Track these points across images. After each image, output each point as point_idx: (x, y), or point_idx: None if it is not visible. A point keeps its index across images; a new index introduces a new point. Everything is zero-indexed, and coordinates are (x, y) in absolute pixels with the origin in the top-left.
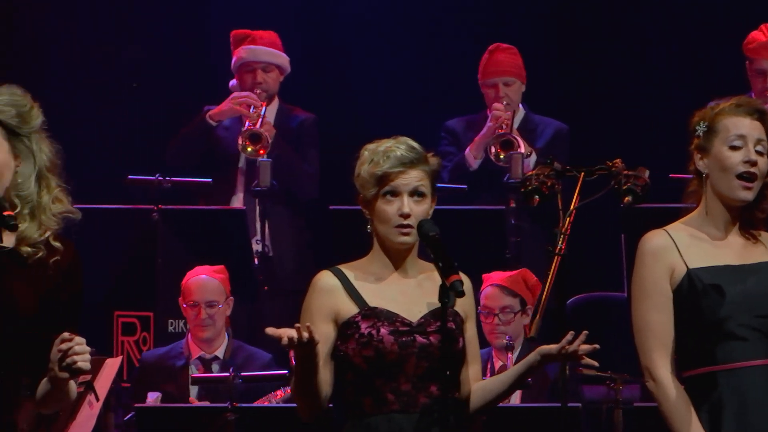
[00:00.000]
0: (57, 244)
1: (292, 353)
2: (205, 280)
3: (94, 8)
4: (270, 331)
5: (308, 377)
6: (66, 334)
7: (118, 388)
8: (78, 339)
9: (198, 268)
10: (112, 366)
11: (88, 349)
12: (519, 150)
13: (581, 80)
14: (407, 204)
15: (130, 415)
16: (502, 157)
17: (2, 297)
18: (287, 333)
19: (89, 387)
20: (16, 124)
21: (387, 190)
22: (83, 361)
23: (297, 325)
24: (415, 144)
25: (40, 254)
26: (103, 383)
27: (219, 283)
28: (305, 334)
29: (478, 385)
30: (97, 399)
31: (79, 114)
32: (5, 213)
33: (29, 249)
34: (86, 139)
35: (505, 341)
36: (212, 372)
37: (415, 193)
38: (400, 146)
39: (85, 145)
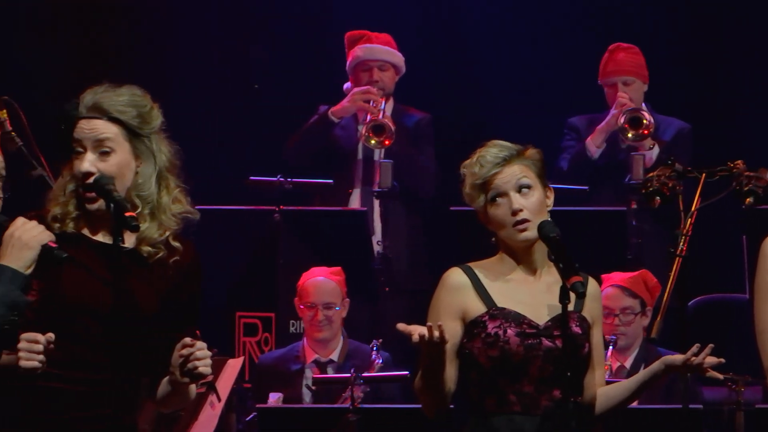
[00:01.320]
0: (176, 244)
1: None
2: (323, 282)
3: (216, 11)
4: (401, 327)
5: (434, 374)
6: (187, 340)
7: (240, 388)
8: (199, 344)
9: (315, 269)
10: (233, 367)
11: (208, 353)
12: (647, 126)
13: (704, 80)
14: (516, 200)
15: (252, 415)
16: (630, 135)
17: (124, 297)
18: (418, 330)
19: (211, 387)
20: (137, 125)
21: (492, 194)
22: (204, 366)
23: (429, 324)
24: (504, 143)
25: (161, 254)
26: (225, 384)
27: (336, 285)
28: (436, 333)
29: (601, 390)
30: (219, 399)
31: (201, 115)
32: (127, 214)
33: (150, 249)
34: (208, 141)
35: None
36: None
37: (521, 187)
38: (489, 150)
39: (208, 146)
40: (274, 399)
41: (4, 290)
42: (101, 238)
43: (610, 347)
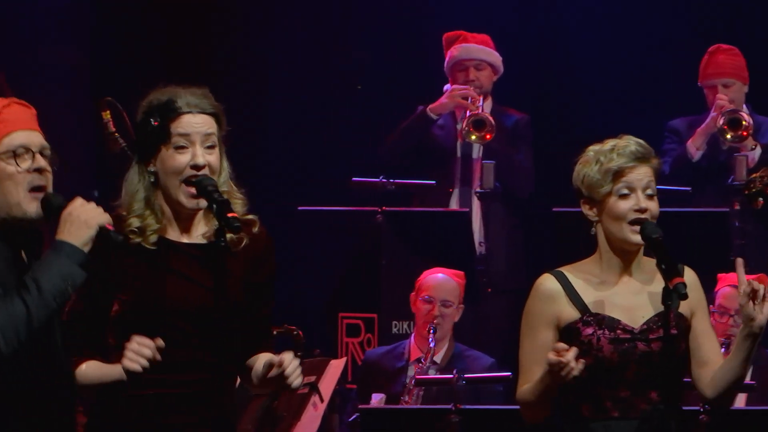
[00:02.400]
0: (255, 229)
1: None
2: (444, 279)
3: (316, 12)
4: (559, 347)
5: (553, 392)
6: (275, 359)
7: (343, 389)
8: (286, 360)
9: (438, 268)
10: (336, 367)
11: (296, 363)
12: (746, 128)
13: None
14: (643, 199)
15: (354, 416)
16: (728, 137)
17: (217, 295)
18: (569, 359)
19: (314, 388)
20: (223, 121)
21: (621, 185)
22: (296, 378)
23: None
24: (640, 140)
25: (243, 243)
26: (328, 384)
27: (457, 286)
28: (580, 367)
29: (707, 379)
30: (322, 400)
31: (303, 117)
32: (229, 215)
33: (234, 237)
34: (311, 142)
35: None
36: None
37: (647, 189)
38: (629, 142)
39: (311, 148)
40: (377, 400)
41: (61, 263)
42: (186, 239)
43: (722, 349)
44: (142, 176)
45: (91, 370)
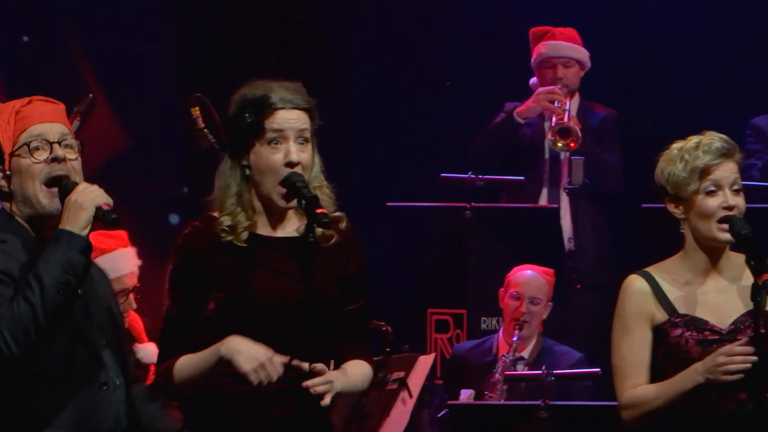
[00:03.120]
0: (342, 225)
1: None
2: (533, 276)
3: (405, 8)
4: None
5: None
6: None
7: (431, 385)
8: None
9: (527, 265)
10: (425, 363)
11: (326, 382)
12: None
13: None
14: (730, 196)
15: (443, 412)
16: None
17: (310, 288)
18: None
19: (402, 384)
20: (316, 117)
21: (708, 183)
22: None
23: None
24: (724, 136)
25: (333, 239)
26: (416, 380)
27: (545, 283)
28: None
29: None
30: (411, 396)
31: (393, 113)
32: (318, 211)
33: (323, 232)
34: (400, 138)
35: None
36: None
37: (734, 186)
38: (714, 138)
39: (400, 143)
40: (466, 395)
41: (60, 253)
42: (278, 233)
43: None
44: (234, 171)
45: (186, 363)
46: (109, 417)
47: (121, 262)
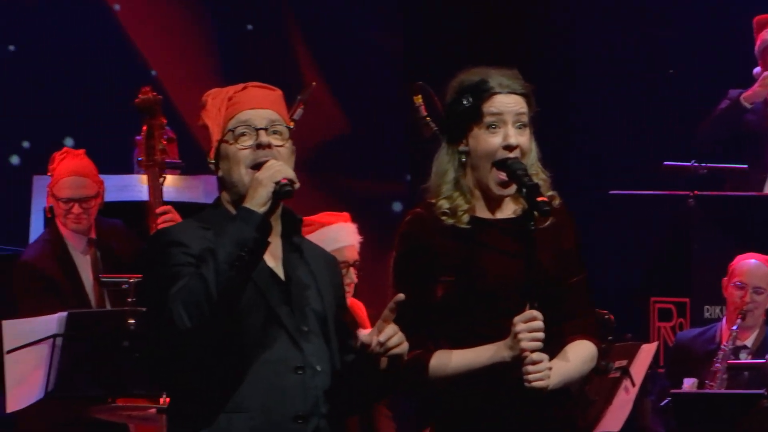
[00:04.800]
0: (555, 203)
1: None
2: (757, 266)
3: None
4: None
5: None
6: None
7: (654, 373)
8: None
9: (751, 253)
10: (647, 351)
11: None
12: None
13: None
14: None
15: (666, 400)
16: None
17: (536, 269)
18: None
19: (625, 372)
20: (533, 103)
21: None
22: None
23: None
24: None
25: (549, 220)
26: (639, 369)
27: None
28: None
29: None
30: (633, 384)
31: (614, 101)
32: (539, 199)
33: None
34: (622, 127)
35: None
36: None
37: None
38: None
39: (622, 132)
40: (689, 384)
41: (236, 229)
42: (497, 215)
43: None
44: (452, 157)
45: (448, 360)
46: (305, 402)
47: (342, 234)
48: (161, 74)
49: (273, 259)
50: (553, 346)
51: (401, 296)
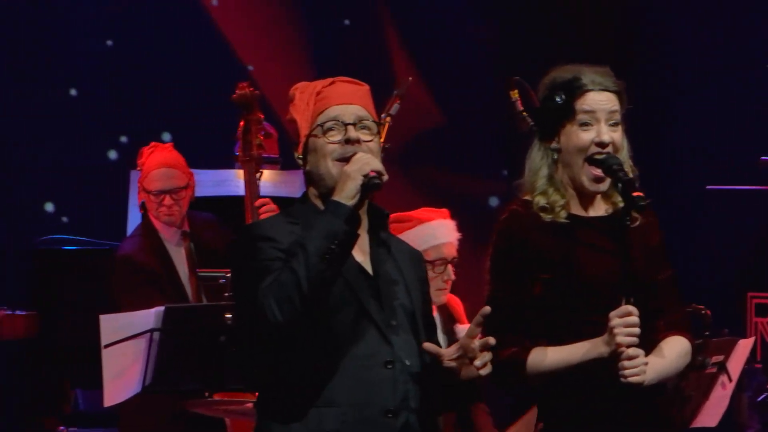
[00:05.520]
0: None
1: None
2: None
3: None
4: None
5: None
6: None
7: (751, 369)
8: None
9: None
10: (744, 347)
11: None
12: None
13: None
14: None
15: (763, 396)
16: None
17: (630, 266)
18: None
19: (722, 368)
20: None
21: None
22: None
23: None
24: None
25: (638, 220)
26: (736, 364)
27: None
28: None
29: None
30: (730, 380)
31: (711, 96)
32: (635, 194)
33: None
34: (719, 122)
35: None
36: None
37: None
38: None
39: (718, 127)
40: None
41: (325, 222)
42: (590, 212)
43: None
44: (545, 153)
45: (545, 356)
46: (394, 395)
47: (440, 231)
48: (257, 70)
49: (361, 254)
50: (647, 343)
51: (487, 309)
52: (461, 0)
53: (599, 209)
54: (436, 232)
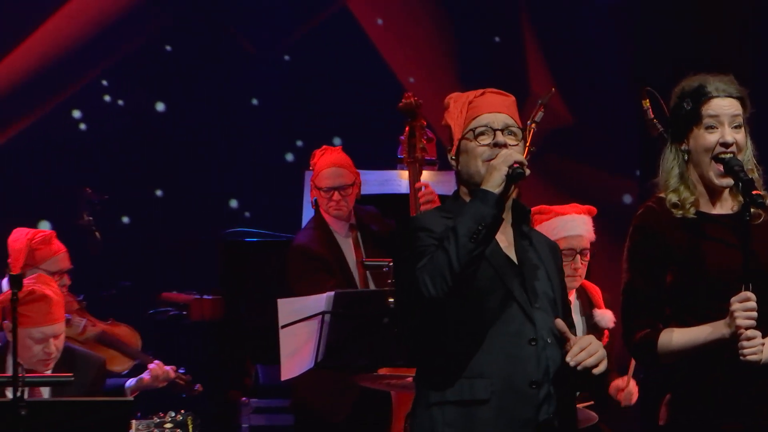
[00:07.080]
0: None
1: None
2: None
3: None
4: None
5: None
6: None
7: None
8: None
9: None
10: None
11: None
12: None
13: None
14: None
15: None
16: None
17: (754, 258)
18: None
19: None
20: (748, 107)
21: None
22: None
23: None
24: None
25: (762, 218)
26: None
27: None
28: None
29: None
30: None
31: None
32: (754, 192)
33: (758, 212)
34: None
35: None
36: None
37: None
38: None
39: None
40: None
41: (474, 207)
42: (717, 210)
43: None
44: (676, 155)
45: (674, 336)
46: (538, 370)
47: (571, 224)
48: (417, 82)
49: (507, 245)
50: (765, 328)
51: (560, 322)
52: (599, 13)
53: (726, 207)
54: (567, 225)
